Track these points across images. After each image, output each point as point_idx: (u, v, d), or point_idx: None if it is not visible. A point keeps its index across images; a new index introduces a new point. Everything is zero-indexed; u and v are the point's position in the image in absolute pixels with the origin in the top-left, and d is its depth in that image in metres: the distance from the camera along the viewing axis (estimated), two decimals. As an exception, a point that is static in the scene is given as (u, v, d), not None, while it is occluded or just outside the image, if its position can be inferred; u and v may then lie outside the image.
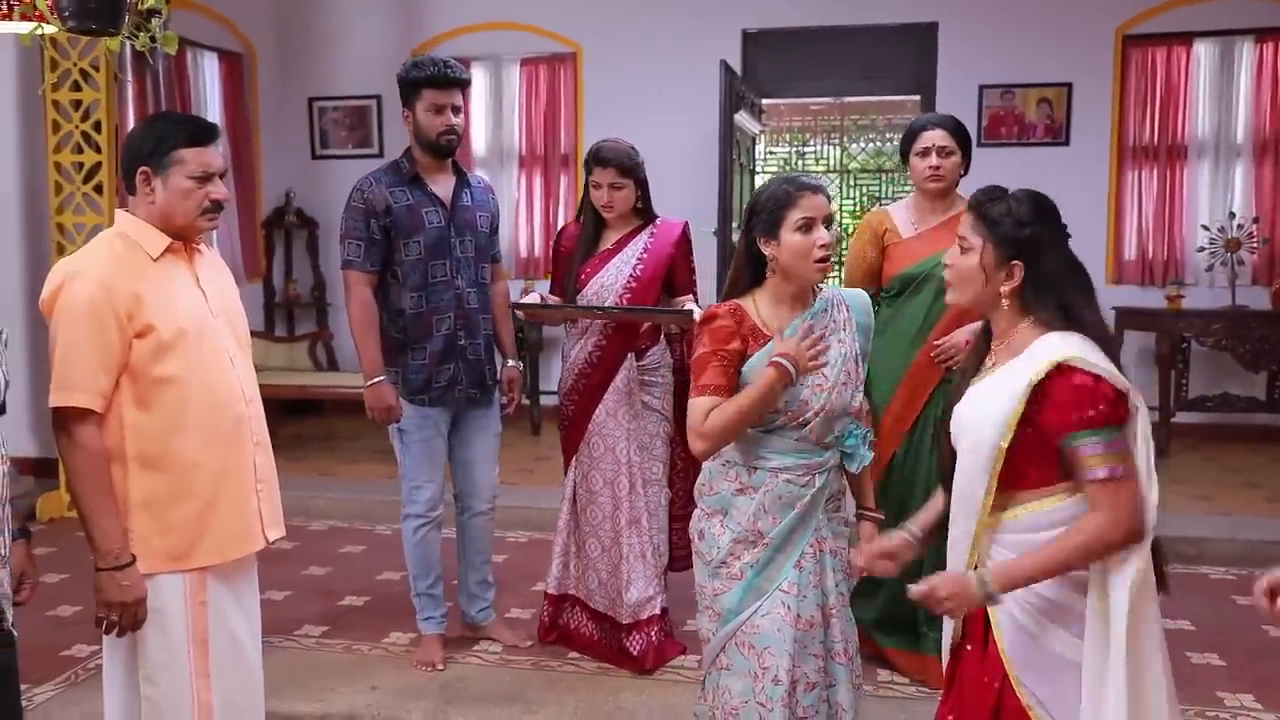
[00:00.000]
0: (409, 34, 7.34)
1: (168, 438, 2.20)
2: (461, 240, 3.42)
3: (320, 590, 4.29)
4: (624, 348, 3.43)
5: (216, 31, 6.91)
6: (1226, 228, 6.21)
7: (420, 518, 3.51)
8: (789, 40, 6.91)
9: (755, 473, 2.31)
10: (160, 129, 2.25)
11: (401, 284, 3.36)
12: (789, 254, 2.24)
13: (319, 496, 5.43)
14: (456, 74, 3.36)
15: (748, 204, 2.35)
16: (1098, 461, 1.81)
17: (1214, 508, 5.01)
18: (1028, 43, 6.61)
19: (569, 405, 3.51)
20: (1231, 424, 6.48)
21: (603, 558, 3.46)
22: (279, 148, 7.49)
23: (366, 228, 3.32)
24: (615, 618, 3.45)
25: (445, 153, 3.40)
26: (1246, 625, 3.85)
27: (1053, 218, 1.93)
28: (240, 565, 2.36)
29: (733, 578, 2.32)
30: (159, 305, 2.19)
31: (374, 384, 3.35)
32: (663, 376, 3.53)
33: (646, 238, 3.45)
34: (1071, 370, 1.82)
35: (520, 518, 5.11)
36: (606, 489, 3.44)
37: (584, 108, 7.14)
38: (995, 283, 1.92)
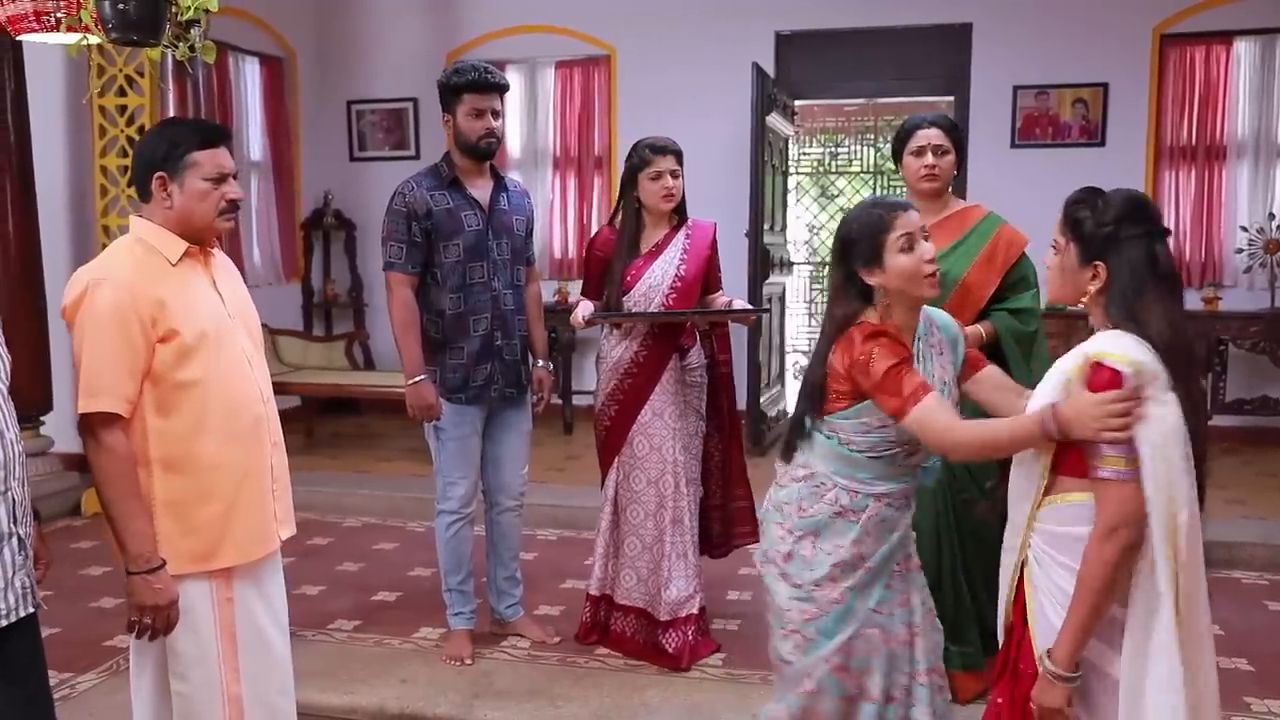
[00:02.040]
0: (445, 37, 7.44)
1: (190, 441, 2.23)
2: (499, 243, 3.48)
3: (353, 585, 4.38)
4: (669, 348, 3.48)
5: (257, 36, 7.04)
6: (1266, 229, 6.14)
7: (454, 514, 3.57)
8: (822, 42, 6.91)
9: (857, 496, 2.26)
10: (172, 134, 2.29)
11: (441, 285, 3.43)
12: (899, 276, 2.19)
13: (353, 494, 5.53)
14: (496, 79, 3.43)
15: (838, 241, 2.28)
16: (1104, 461, 1.85)
17: (1248, 511, 4.96)
18: (1063, 43, 6.56)
19: (611, 407, 3.53)
20: (1270, 427, 6.39)
21: (643, 555, 3.50)
22: (318, 150, 7.62)
23: (408, 230, 3.39)
24: (653, 614, 3.49)
25: (485, 156, 3.46)
26: (1277, 630, 3.82)
27: (1140, 218, 1.92)
28: (264, 561, 2.40)
29: (832, 602, 2.28)
30: (181, 309, 2.22)
31: (415, 383, 3.41)
32: (700, 376, 3.57)
33: (684, 238, 3.50)
34: (1099, 366, 1.85)
35: (550, 516, 5.17)
36: (650, 488, 3.47)
37: (618, 110, 7.19)
38: (1081, 282, 1.94)
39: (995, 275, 3.13)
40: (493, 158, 3.50)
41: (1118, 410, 1.81)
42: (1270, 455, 6.14)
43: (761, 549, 2.41)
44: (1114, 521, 1.83)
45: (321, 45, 7.62)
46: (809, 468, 2.30)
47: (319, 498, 5.51)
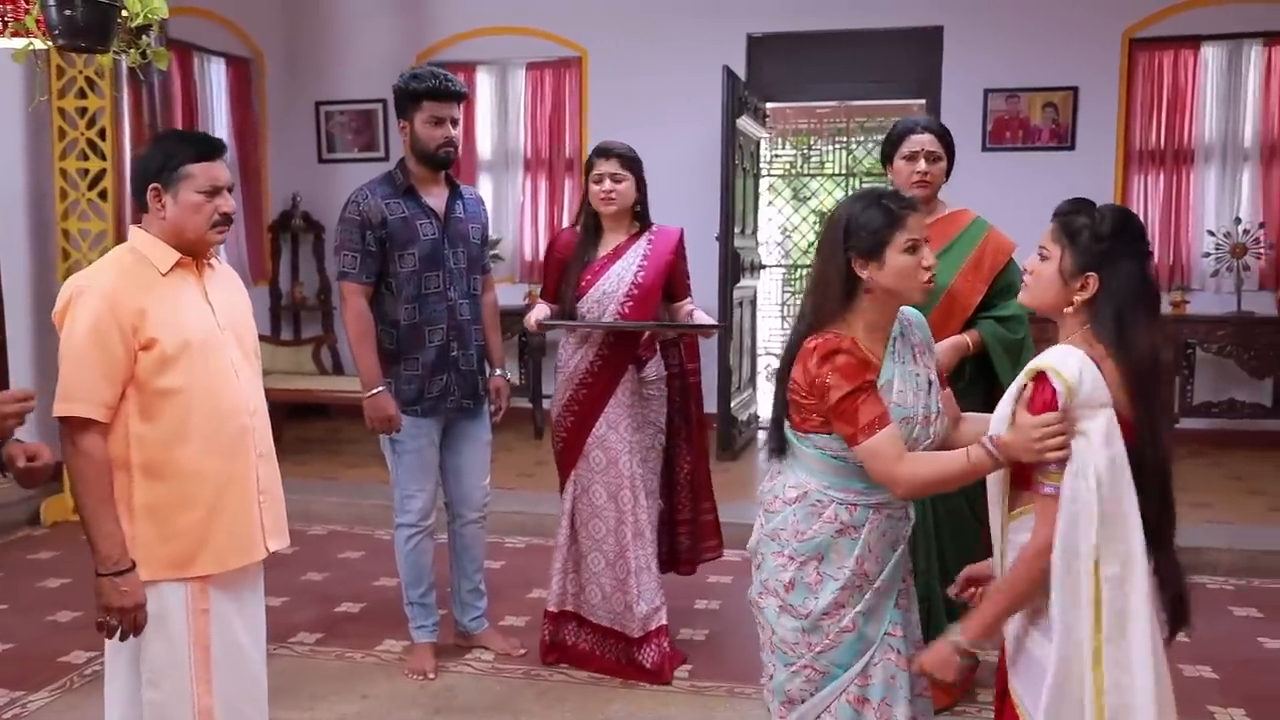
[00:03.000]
0: (415, 38, 7.37)
1: (170, 447, 2.25)
2: (454, 252, 3.43)
3: (317, 596, 4.32)
4: (626, 358, 3.43)
5: (224, 37, 6.95)
6: (1232, 233, 6.17)
7: (412, 527, 3.53)
8: (794, 44, 6.89)
9: (856, 510, 2.15)
10: (168, 146, 2.32)
11: (396, 295, 3.37)
12: (895, 276, 2.11)
13: (320, 500, 5.46)
14: (456, 87, 3.37)
15: (836, 225, 2.16)
16: (1044, 475, 1.87)
17: (1214, 515, 4.98)
18: (1033, 46, 6.57)
19: (567, 417, 3.48)
20: (1237, 430, 6.43)
21: (607, 571, 3.45)
22: (286, 151, 7.54)
23: (362, 239, 3.33)
24: (624, 632, 3.44)
25: (442, 165, 3.41)
26: (1242, 636, 3.84)
27: (1135, 236, 1.94)
28: (244, 573, 2.41)
29: (843, 630, 2.16)
30: (164, 319, 2.24)
31: (373, 395, 3.36)
32: (659, 389, 3.52)
33: (645, 244, 3.42)
34: (1044, 380, 1.86)
35: (518, 523, 5.14)
36: (610, 502, 3.42)
37: (589, 112, 7.15)
38: (1069, 292, 1.93)
39: (982, 282, 3.09)
40: (450, 167, 3.45)
41: (1053, 433, 1.83)
42: (1237, 458, 6.18)
43: (758, 581, 2.25)
44: (1049, 540, 1.84)
45: (289, 46, 7.53)
46: (800, 487, 2.18)
47: (285, 505, 5.40)
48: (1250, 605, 4.13)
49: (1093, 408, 1.83)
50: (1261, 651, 3.72)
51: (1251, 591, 4.29)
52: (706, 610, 4.11)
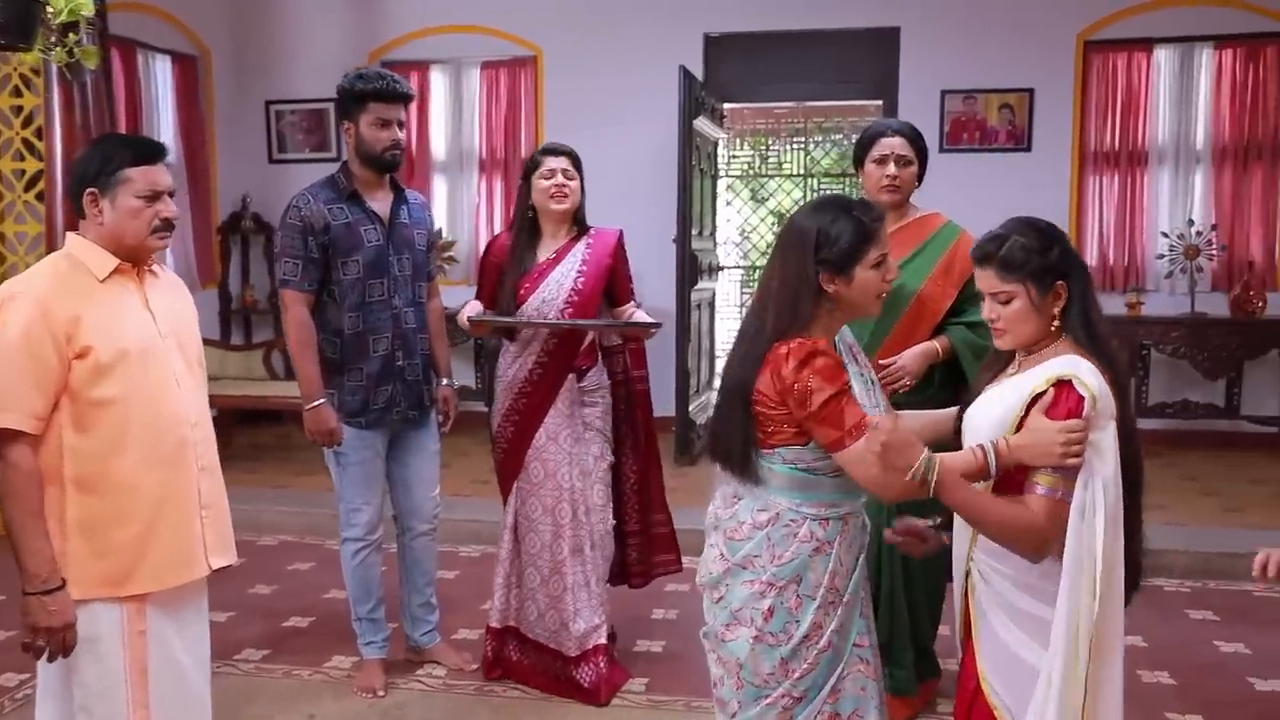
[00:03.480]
0: (368, 36, 7.25)
1: (106, 460, 2.18)
2: (399, 258, 3.34)
3: (264, 610, 4.20)
4: (565, 366, 3.33)
5: (169, 33, 6.78)
6: (1186, 234, 6.21)
7: (359, 541, 3.43)
8: (751, 44, 6.85)
9: (829, 524, 2.08)
10: (106, 149, 2.26)
11: (339, 303, 3.27)
12: (860, 291, 2.06)
13: (270, 510, 5.33)
14: (403, 88, 3.29)
15: (804, 236, 2.07)
16: (1043, 478, 1.87)
17: (1170, 517, 4.99)
18: (990, 47, 6.58)
19: (506, 428, 3.39)
20: (1191, 430, 6.48)
21: (542, 588, 3.36)
22: (235, 152, 7.37)
23: (304, 246, 3.22)
24: (560, 650, 3.36)
25: (388, 168, 3.32)
26: (1199, 640, 3.84)
27: (1060, 237, 1.97)
28: (185, 592, 2.33)
29: (821, 651, 2.09)
30: (100, 326, 2.17)
31: (314, 407, 3.26)
32: (603, 397, 3.43)
33: (584, 249, 3.33)
34: (1070, 390, 1.86)
35: (473, 532, 5.04)
36: (546, 517, 3.33)
37: (544, 112, 7.06)
38: (1048, 313, 1.94)
39: (953, 288, 3.02)
40: (396, 170, 3.35)
41: (1078, 439, 1.82)
42: (1191, 458, 6.22)
43: (725, 613, 2.13)
44: (1041, 529, 1.85)
45: (238, 43, 7.37)
46: (770, 508, 2.08)
47: (233, 514, 5.26)
48: (1206, 608, 4.14)
49: (1105, 419, 1.85)
50: (1217, 655, 3.72)
51: (1207, 594, 4.30)
52: (664, 621, 4.04)
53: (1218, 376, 6.16)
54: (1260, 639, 3.83)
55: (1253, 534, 4.72)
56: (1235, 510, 5.11)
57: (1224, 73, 6.42)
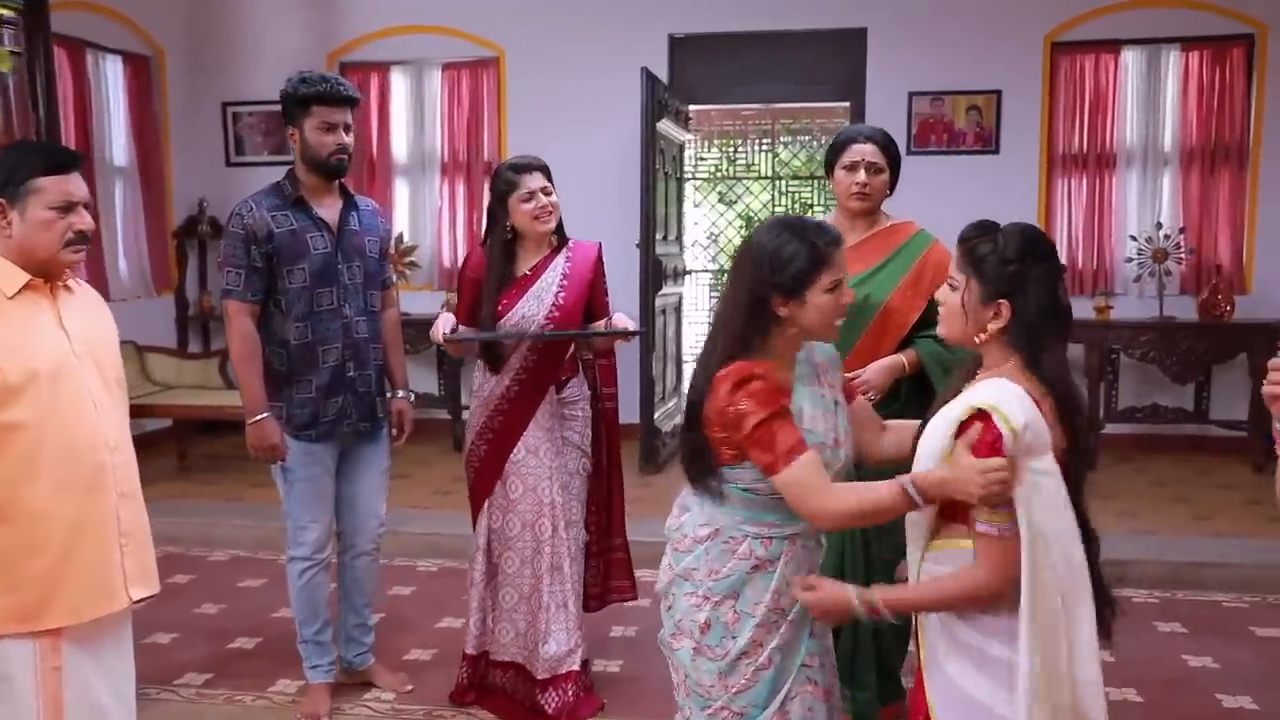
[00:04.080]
0: (327, 36, 7.11)
1: (15, 487, 2.08)
2: (349, 266, 3.22)
3: (210, 631, 4.06)
4: (546, 379, 3.22)
5: (120, 33, 6.61)
6: (1154, 238, 6.16)
7: (306, 560, 3.31)
8: (717, 45, 6.75)
9: (771, 544, 2.03)
10: (14, 158, 2.15)
11: (285, 313, 3.15)
12: (816, 316, 2.00)
13: (221, 524, 5.18)
14: (348, 91, 3.17)
15: (757, 258, 2.00)
16: (982, 516, 1.79)
17: (1139, 525, 4.94)
18: (957, 49, 6.51)
19: (481, 444, 3.26)
20: (1161, 434, 6.45)
21: (520, 606, 3.24)
22: (191, 154, 7.21)
23: (247, 255, 3.11)
24: (530, 670, 3.24)
25: (335, 173, 3.20)
26: (1167, 654, 3.77)
27: (1042, 256, 1.85)
28: (104, 625, 2.21)
29: (760, 669, 2.05)
30: (8, 346, 2.08)
31: (256, 421, 3.14)
32: (582, 409, 3.32)
33: (564, 262, 3.22)
34: (986, 419, 1.77)
35: (431, 544, 4.92)
36: (526, 532, 3.21)
37: (507, 114, 6.94)
38: (980, 321, 1.85)
39: (921, 299, 2.90)
40: (343, 175, 3.24)
41: (999, 478, 1.74)
42: (1161, 462, 6.18)
43: (670, 623, 2.13)
44: (990, 581, 1.79)
45: (193, 43, 7.20)
46: (712, 523, 2.06)
47: (185, 529, 5.16)
48: (1174, 620, 4.07)
49: (1038, 450, 1.76)
50: (1185, 670, 3.65)
51: (1175, 605, 4.23)
52: (622, 639, 3.93)
53: (1187, 381, 6.11)
54: (1228, 651, 3.77)
55: (1221, 542, 4.67)
56: (1205, 517, 5.05)
57: (1191, 74, 6.38)
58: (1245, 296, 6.28)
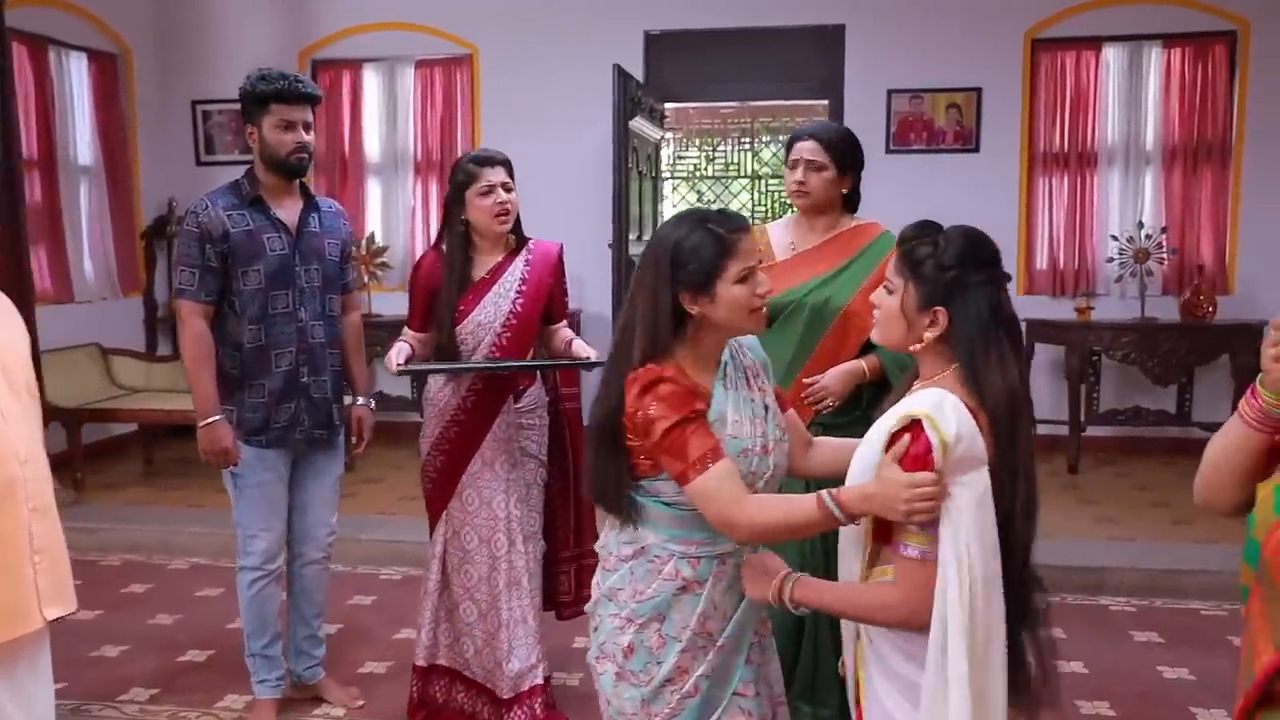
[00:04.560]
0: (298, 34, 6.99)
1: None
2: (307, 269, 3.13)
3: (162, 643, 3.95)
4: (503, 392, 3.09)
5: (85, 30, 6.48)
6: (1136, 237, 6.07)
7: (256, 570, 3.21)
8: (694, 42, 6.65)
9: (699, 564, 1.91)
10: None
11: (239, 315, 3.06)
12: (729, 309, 1.87)
13: (183, 531, 5.07)
14: (308, 89, 3.08)
15: (660, 254, 1.88)
16: (906, 537, 1.67)
17: (1119, 531, 4.84)
18: (937, 46, 6.41)
19: (437, 456, 3.15)
20: (1143, 437, 6.36)
21: (479, 623, 3.13)
22: (160, 153, 7.08)
23: (201, 254, 3.02)
24: (494, 690, 3.13)
25: (294, 173, 3.11)
26: (1142, 665, 3.67)
27: (983, 262, 1.74)
28: (18, 647, 2.08)
29: (686, 696, 1.92)
30: None
31: (208, 424, 3.05)
32: (540, 418, 3.20)
33: (523, 265, 3.09)
34: (918, 431, 1.65)
35: (395, 552, 4.81)
36: (483, 547, 3.11)
37: (481, 112, 6.83)
38: (918, 328, 1.75)
39: None
40: (303, 175, 3.15)
41: (924, 495, 1.61)
42: (1143, 466, 6.10)
43: (596, 644, 2.02)
44: (905, 603, 1.67)
45: (161, 41, 7.07)
46: (637, 542, 1.94)
47: (146, 536, 5.05)
48: (1151, 629, 3.97)
49: (969, 466, 1.63)
50: (1161, 682, 3.55)
51: (1153, 613, 4.13)
52: (584, 650, 3.81)
53: (1168, 383, 6.02)
54: (1204, 662, 3.67)
55: (1200, 549, 4.58)
56: (1184, 523, 4.96)
57: (1173, 71, 6.29)
58: (1228, 297, 6.19)
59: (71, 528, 4.99)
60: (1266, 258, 6.21)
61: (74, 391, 5.93)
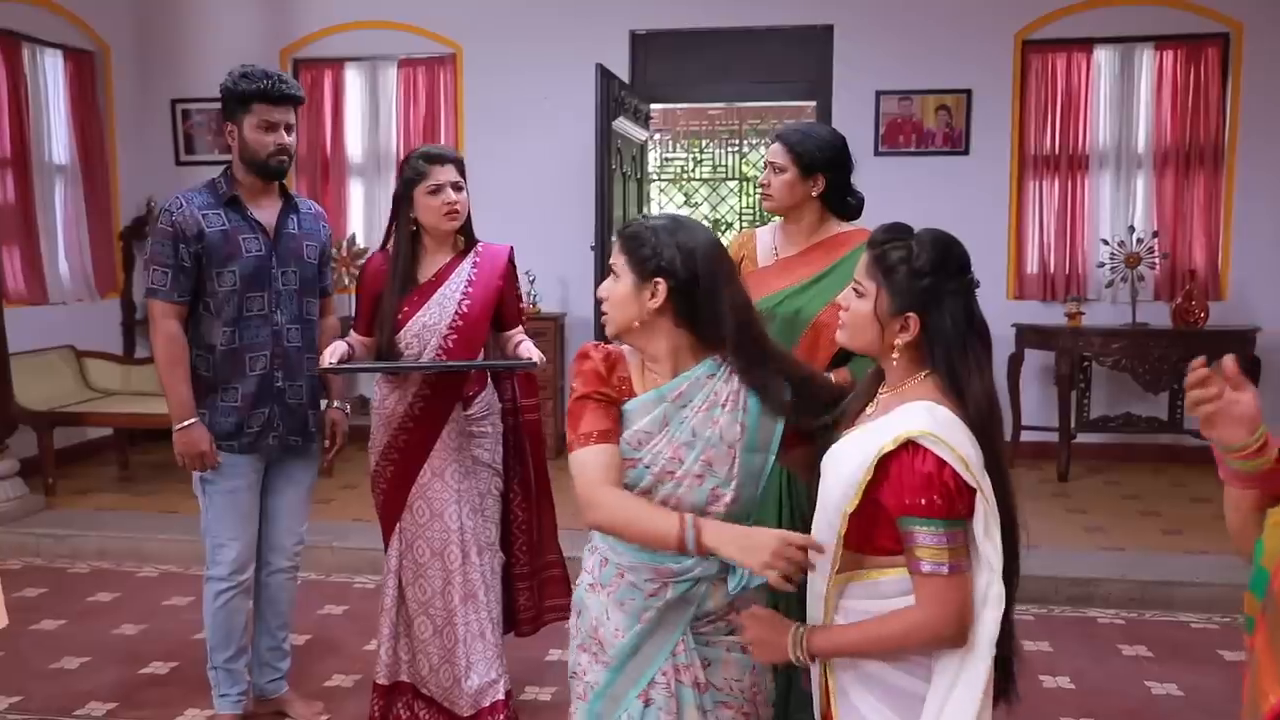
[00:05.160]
0: (279, 32, 6.89)
1: None
2: (284, 271, 3.04)
3: (124, 655, 3.83)
4: (451, 398, 3.00)
5: (61, 27, 6.37)
6: (1127, 242, 5.98)
7: (223, 581, 3.10)
8: (679, 42, 6.56)
9: (606, 566, 1.90)
10: None
11: (214, 316, 2.97)
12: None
13: (154, 538, 4.95)
14: (292, 90, 2.99)
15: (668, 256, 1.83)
16: (927, 554, 1.61)
17: (1108, 541, 4.75)
18: (926, 47, 6.33)
19: (386, 466, 3.06)
20: (1133, 444, 6.27)
21: (434, 639, 3.03)
22: (139, 153, 6.97)
23: (175, 253, 2.92)
24: (452, 709, 3.02)
25: (274, 175, 3.02)
26: (1130, 681, 3.57)
27: (956, 269, 1.70)
28: None
29: (578, 696, 1.93)
30: None
31: (184, 427, 2.95)
32: (493, 424, 3.12)
33: (470, 267, 3.00)
34: (918, 449, 1.60)
35: (370, 560, 4.69)
36: (435, 560, 3.01)
37: (465, 111, 6.72)
38: (890, 334, 1.71)
39: None
40: (283, 177, 3.05)
41: (795, 559, 1.65)
42: (1133, 474, 6.00)
43: None
44: (939, 621, 1.60)
45: (140, 39, 6.97)
46: None
47: (116, 543, 4.94)
48: (1140, 643, 3.87)
49: (980, 470, 1.61)
50: (1148, 699, 3.45)
51: (1142, 626, 4.04)
52: (559, 662, 3.72)
53: (1160, 389, 5.92)
54: (1192, 677, 3.58)
55: (1191, 559, 4.48)
56: (1175, 532, 4.87)
57: (1165, 74, 6.21)
58: (1220, 303, 6.11)
59: (41, 534, 4.97)
60: (1259, 263, 6.14)
61: (46, 394, 5.82)
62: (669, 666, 1.85)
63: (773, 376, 1.86)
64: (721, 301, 1.83)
